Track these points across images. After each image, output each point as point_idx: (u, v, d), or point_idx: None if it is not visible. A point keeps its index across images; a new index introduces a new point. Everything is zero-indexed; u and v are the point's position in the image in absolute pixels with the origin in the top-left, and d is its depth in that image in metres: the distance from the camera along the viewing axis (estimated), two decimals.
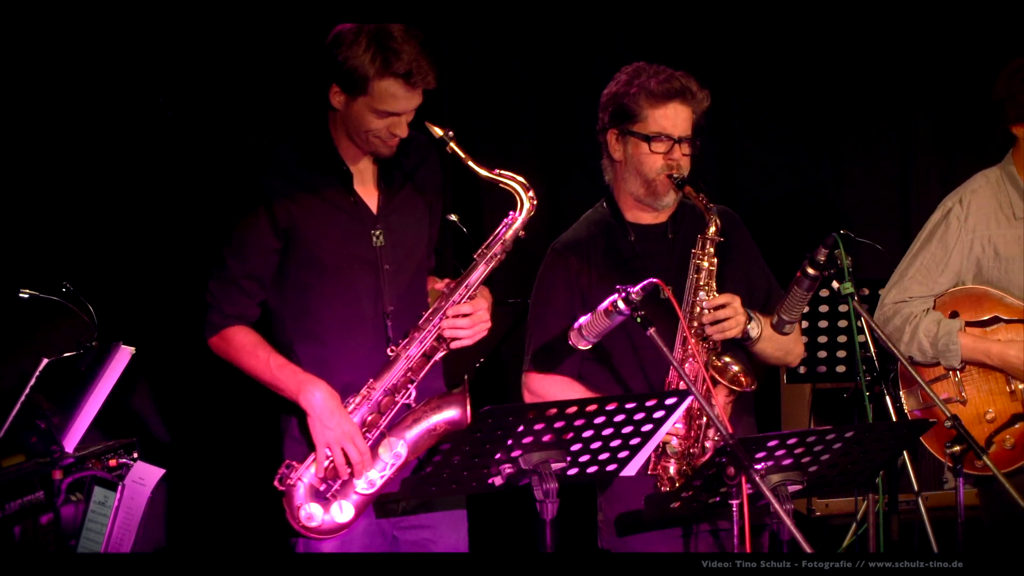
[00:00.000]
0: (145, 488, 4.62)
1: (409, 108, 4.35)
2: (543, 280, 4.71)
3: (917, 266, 5.09)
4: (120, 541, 4.56)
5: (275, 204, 4.38)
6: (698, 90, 4.66)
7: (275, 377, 4.36)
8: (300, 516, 4.34)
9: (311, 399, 4.32)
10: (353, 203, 4.44)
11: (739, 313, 4.54)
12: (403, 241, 4.48)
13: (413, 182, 4.52)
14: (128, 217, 5.58)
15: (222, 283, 4.41)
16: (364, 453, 4.33)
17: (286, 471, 4.37)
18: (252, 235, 4.40)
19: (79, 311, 4.89)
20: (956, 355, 4.99)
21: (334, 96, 4.35)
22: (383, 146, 4.39)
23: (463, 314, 4.40)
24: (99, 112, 5.50)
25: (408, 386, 4.40)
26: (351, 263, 4.42)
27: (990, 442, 4.99)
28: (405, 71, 4.27)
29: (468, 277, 4.43)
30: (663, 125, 4.63)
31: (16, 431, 4.53)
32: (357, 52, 4.27)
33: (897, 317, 5.04)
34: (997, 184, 5.12)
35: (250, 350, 4.39)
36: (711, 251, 4.57)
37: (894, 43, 6.89)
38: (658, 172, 4.64)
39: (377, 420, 4.38)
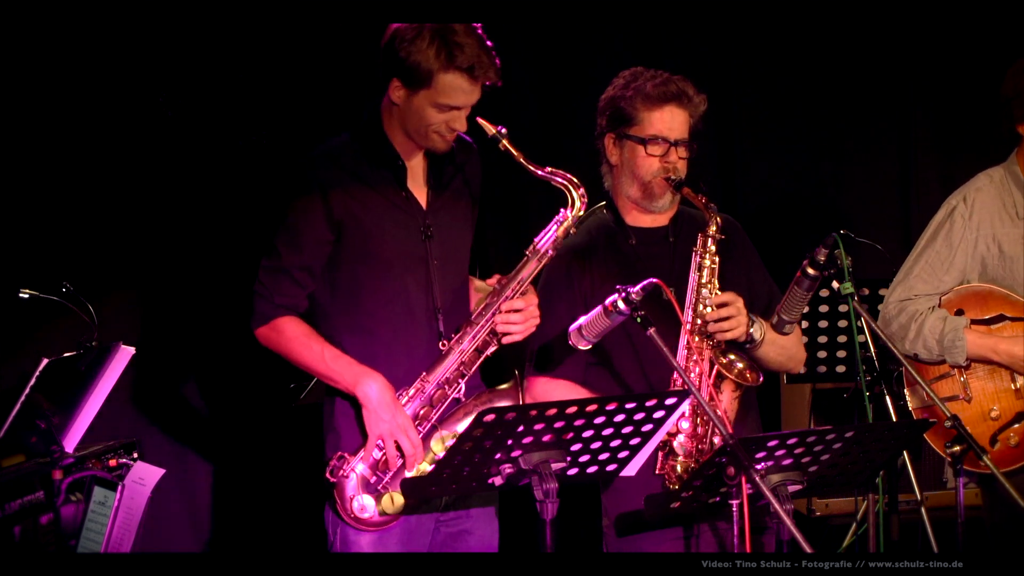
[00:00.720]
0: (145, 488, 4.62)
1: (469, 102, 4.39)
2: (545, 285, 4.71)
3: (922, 264, 5.09)
4: (120, 541, 4.57)
5: (330, 195, 4.40)
6: (695, 94, 4.66)
7: (330, 369, 4.38)
8: (353, 508, 4.37)
9: (368, 391, 4.34)
10: (405, 198, 4.47)
11: (742, 313, 4.54)
12: (450, 238, 4.52)
13: (460, 180, 4.56)
14: (128, 217, 5.59)
15: (273, 272, 4.42)
16: (417, 446, 4.36)
17: (338, 463, 4.38)
18: (307, 226, 4.41)
19: (79, 311, 4.89)
20: (962, 352, 5.00)
21: (394, 91, 4.38)
22: (441, 141, 4.42)
23: (516, 309, 4.44)
24: (99, 112, 5.50)
25: (459, 380, 4.44)
26: (402, 257, 4.44)
27: (994, 440, 4.99)
28: (469, 65, 4.32)
29: (520, 273, 4.46)
30: (659, 128, 4.63)
31: (16, 431, 4.53)
32: (421, 46, 4.31)
33: (903, 315, 5.05)
34: (1001, 183, 5.12)
35: (303, 340, 4.40)
36: (712, 249, 4.57)
37: (894, 43, 6.89)
38: (654, 175, 4.64)
39: (429, 413, 4.42)
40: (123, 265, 5.58)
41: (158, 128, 5.58)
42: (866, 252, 5.76)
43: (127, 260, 5.58)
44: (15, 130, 5.37)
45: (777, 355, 4.69)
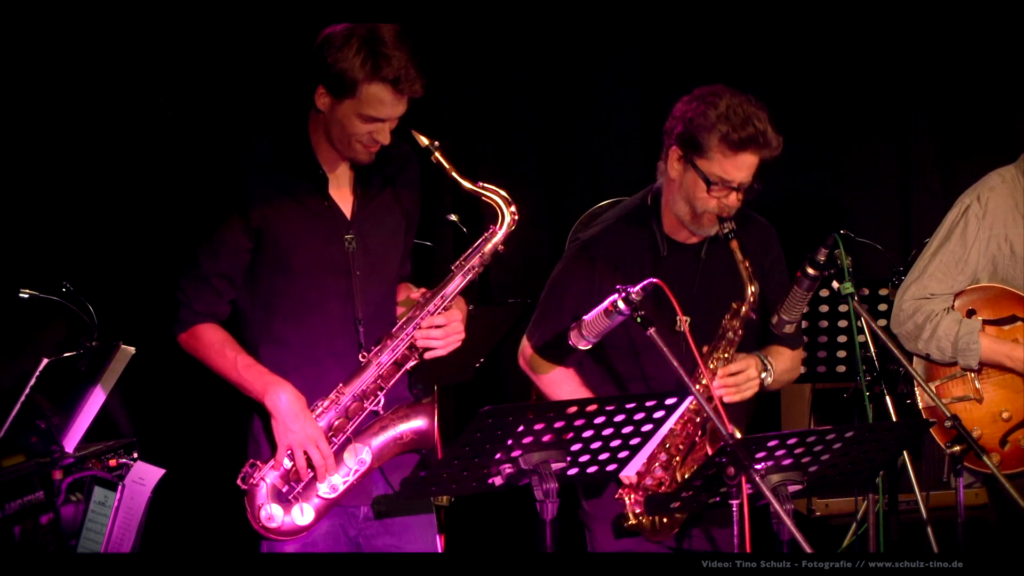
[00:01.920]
0: (145, 488, 4.62)
1: (394, 115, 4.31)
2: (566, 272, 4.68)
3: (936, 263, 5.08)
4: (120, 541, 4.56)
5: (249, 204, 4.36)
6: (773, 136, 4.51)
7: (241, 377, 4.36)
8: (260, 516, 4.33)
9: (276, 400, 4.31)
10: (327, 207, 4.41)
11: (753, 379, 4.54)
12: (376, 248, 4.45)
13: (391, 189, 4.49)
14: (128, 217, 5.58)
15: (194, 280, 4.40)
16: (327, 457, 4.32)
17: (249, 470, 4.36)
18: (224, 234, 4.38)
19: (79, 311, 4.89)
20: (976, 355, 4.99)
21: (320, 98, 4.32)
22: (363, 152, 4.36)
23: (437, 325, 4.39)
24: (100, 112, 5.50)
25: (377, 393, 4.38)
26: (321, 267, 4.39)
27: (1004, 441, 4.98)
28: (394, 77, 4.24)
29: (444, 288, 4.40)
30: (728, 173, 4.50)
31: (16, 431, 4.53)
32: (347, 55, 4.24)
33: (918, 314, 5.03)
34: (1013, 182, 5.11)
35: (218, 348, 4.38)
36: (737, 324, 4.51)
37: (894, 43, 6.89)
38: (708, 209, 4.55)
39: (344, 425, 4.36)
40: (123, 265, 5.57)
41: (158, 128, 5.57)
42: (866, 252, 5.76)
43: (127, 260, 5.58)
44: (15, 130, 5.37)
45: (778, 385, 4.71)
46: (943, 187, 6.80)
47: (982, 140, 6.69)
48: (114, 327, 5.24)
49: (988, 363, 5.01)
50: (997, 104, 6.58)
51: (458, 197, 6.15)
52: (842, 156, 6.96)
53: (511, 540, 5.97)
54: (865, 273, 5.51)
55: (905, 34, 6.87)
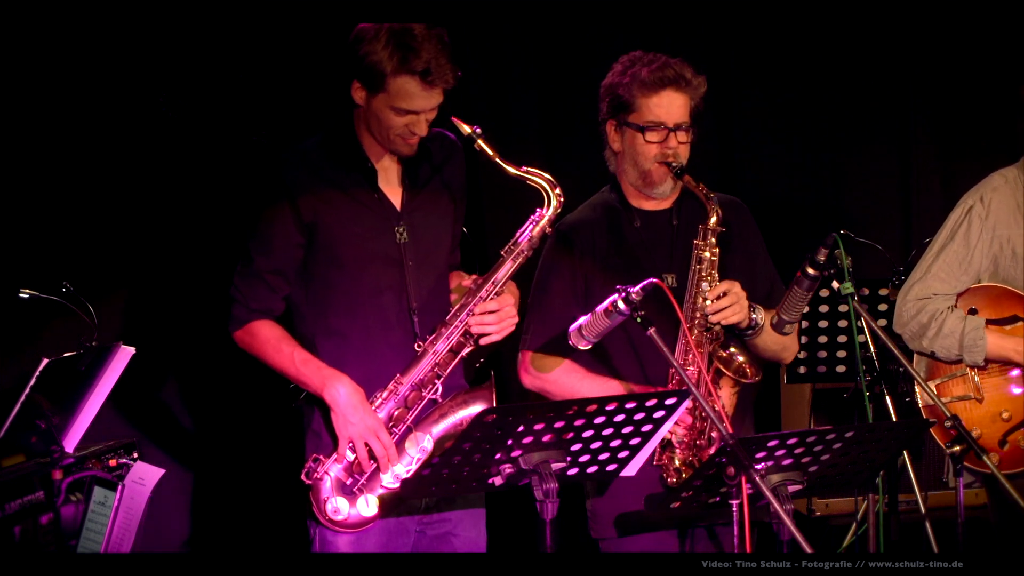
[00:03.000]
0: (145, 488, 4.62)
1: (427, 107, 4.37)
2: (547, 262, 4.71)
3: (940, 263, 5.08)
4: (120, 541, 4.56)
5: (300, 199, 4.40)
6: (693, 76, 4.66)
7: (299, 372, 4.39)
8: (327, 509, 4.37)
9: (335, 394, 4.35)
10: (377, 200, 4.46)
11: (741, 298, 4.54)
12: (427, 238, 4.50)
13: (438, 180, 4.55)
14: (128, 217, 5.58)
15: (247, 277, 4.44)
16: (388, 447, 4.35)
17: (313, 465, 4.39)
18: (277, 230, 4.42)
19: (79, 311, 4.89)
20: (982, 351, 4.99)
21: (356, 92, 4.38)
22: (403, 145, 4.41)
23: (490, 311, 4.43)
24: (99, 112, 5.50)
25: (435, 381, 4.43)
26: (374, 259, 4.44)
27: (1004, 441, 4.98)
28: (423, 69, 4.30)
29: (495, 273, 4.45)
30: (656, 114, 4.62)
31: (16, 431, 4.53)
32: (376, 48, 4.30)
33: (923, 314, 5.03)
34: (1015, 183, 5.11)
35: (275, 344, 4.42)
36: (712, 241, 4.57)
37: (894, 43, 6.89)
38: (653, 161, 4.63)
39: (404, 415, 4.41)
40: (123, 265, 5.57)
41: (158, 128, 5.57)
42: (866, 252, 5.76)
43: (127, 260, 5.58)
44: (15, 130, 5.37)
45: (774, 343, 4.69)
46: (943, 187, 6.79)
47: (982, 140, 6.69)
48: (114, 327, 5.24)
49: (995, 359, 5.01)
50: (997, 104, 6.57)
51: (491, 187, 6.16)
52: (842, 156, 6.96)
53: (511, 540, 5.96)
54: (865, 273, 5.51)
55: (905, 34, 6.87)
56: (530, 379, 4.72)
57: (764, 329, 4.62)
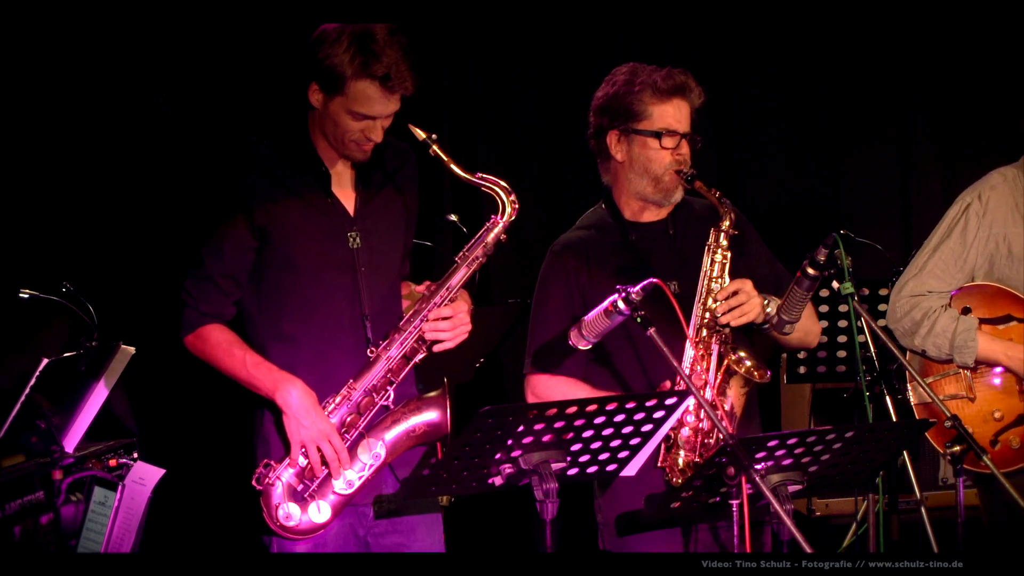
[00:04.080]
0: (145, 488, 4.62)
1: (385, 113, 4.32)
2: (543, 282, 4.70)
3: (936, 260, 5.07)
4: (120, 541, 4.56)
5: (253, 203, 4.36)
6: (695, 86, 4.67)
7: (251, 375, 4.35)
8: (278, 515, 4.33)
9: (287, 397, 4.31)
10: (330, 204, 4.42)
11: (753, 295, 4.53)
12: (380, 244, 4.46)
13: (391, 186, 4.50)
14: (128, 217, 5.58)
15: (199, 281, 4.39)
16: (340, 452, 4.31)
17: (264, 470, 4.35)
18: (229, 233, 4.37)
19: (79, 311, 4.89)
20: (972, 353, 4.98)
21: (313, 94, 4.33)
22: (357, 150, 4.37)
23: (444, 317, 4.39)
24: (100, 112, 5.50)
25: (387, 387, 4.38)
26: (327, 264, 4.40)
27: (995, 441, 4.98)
28: (383, 74, 4.24)
29: (449, 280, 4.41)
30: (669, 122, 4.62)
31: (16, 431, 4.53)
32: (337, 51, 4.25)
33: (916, 311, 5.03)
34: (1014, 183, 5.10)
35: (226, 348, 4.38)
36: (724, 244, 4.56)
37: (894, 43, 6.89)
38: (667, 168, 4.63)
39: (356, 421, 4.37)
40: (123, 265, 5.57)
41: (158, 128, 5.57)
42: (866, 252, 5.76)
43: (127, 260, 5.58)
44: (15, 130, 5.37)
45: (802, 330, 4.67)
46: (943, 187, 6.80)
47: (982, 140, 6.69)
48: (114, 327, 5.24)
49: (985, 361, 5.01)
50: (997, 104, 6.57)
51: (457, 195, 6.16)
52: (842, 156, 6.96)
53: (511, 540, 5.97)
54: (865, 273, 5.51)
55: (905, 35, 6.87)
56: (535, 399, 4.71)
57: (775, 307, 4.61)
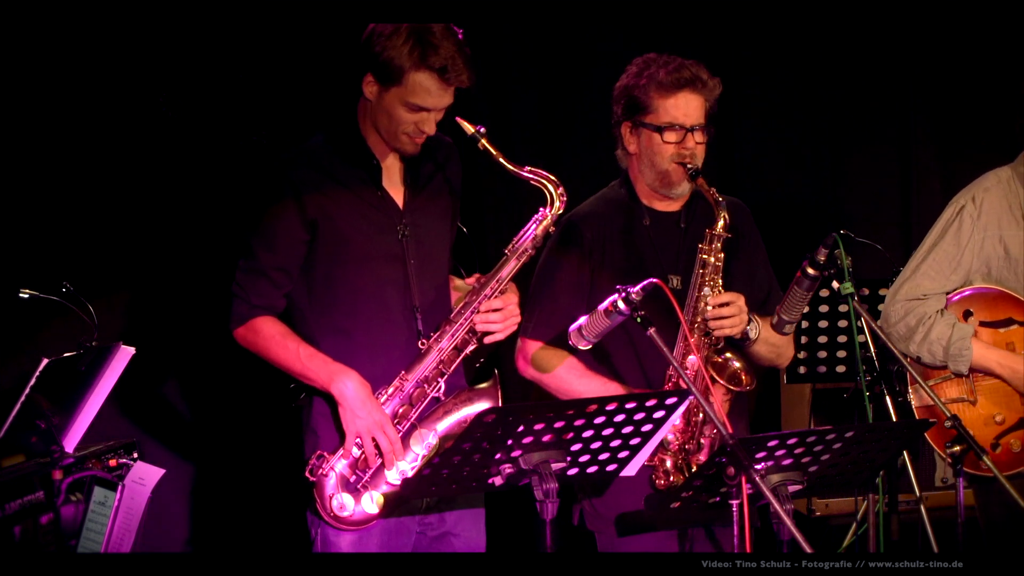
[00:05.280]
0: (145, 488, 4.62)
1: (440, 105, 4.38)
2: (553, 251, 4.71)
3: (929, 262, 5.07)
4: (120, 541, 4.56)
5: (304, 196, 4.40)
6: (709, 78, 4.68)
7: (305, 367, 4.39)
8: (332, 506, 4.36)
9: (343, 388, 4.34)
10: (380, 197, 4.47)
11: (743, 311, 4.55)
12: (428, 236, 4.51)
13: (438, 180, 4.56)
14: (128, 217, 5.58)
15: (250, 273, 4.43)
16: (395, 442, 4.35)
17: (317, 462, 4.39)
18: (281, 226, 4.42)
19: (79, 311, 4.89)
20: (967, 361, 4.97)
21: (367, 86, 4.38)
22: (409, 143, 4.42)
23: (495, 308, 4.44)
24: (99, 112, 5.50)
25: (439, 379, 4.44)
26: (378, 257, 4.44)
27: (996, 444, 4.98)
28: (441, 66, 4.32)
29: (500, 272, 4.46)
30: (674, 115, 4.64)
31: (16, 431, 4.53)
32: (396, 43, 4.31)
33: (911, 316, 5.02)
34: (1008, 184, 5.10)
35: (279, 340, 4.41)
36: (718, 247, 4.58)
37: (894, 43, 6.89)
38: (671, 161, 4.65)
39: (408, 412, 4.41)
40: (123, 265, 5.57)
41: (158, 128, 5.57)
42: (866, 252, 5.76)
43: (127, 260, 5.58)
44: (15, 130, 5.37)
45: (768, 352, 4.70)
46: (943, 187, 6.79)
47: (982, 140, 6.69)
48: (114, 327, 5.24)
49: (979, 369, 5.01)
50: (997, 104, 6.57)
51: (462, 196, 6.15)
52: (842, 156, 6.96)
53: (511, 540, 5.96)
54: (865, 273, 5.51)
55: (906, 34, 6.87)
56: (529, 370, 4.72)
57: (760, 339, 4.62)
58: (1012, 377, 4.97)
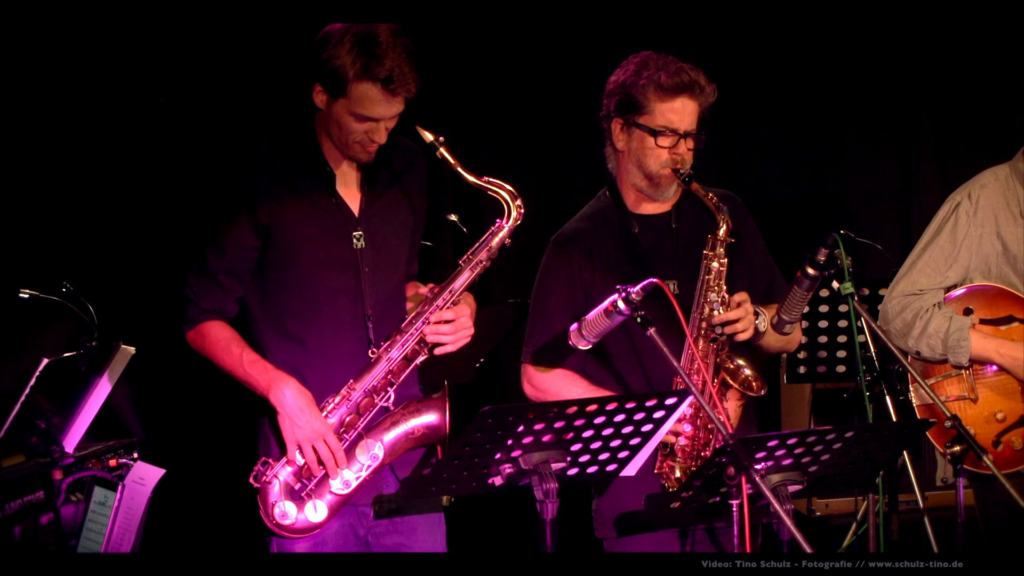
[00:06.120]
0: (145, 488, 4.62)
1: (388, 115, 4.32)
2: (545, 273, 4.69)
3: (926, 259, 5.07)
4: (120, 541, 4.56)
5: (256, 201, 4.37)
6: (706, 83, 4.63)
7: (247, 373, 4.36)
8: (274, 514, 4.34)
9: (281, 396, 4.31)
10: (335, 204, 4.42)
11: (750, 314, 4.53)
12: (384, 245, 4.46)
13: (399, 186, 4.50)
14: (128, 217, 5.58)
15: (201, 278, 4.41)
16: (336, 451, 4.32)
17: (261, 468, 4.36)
18: (231, 231, 4.38)
19: (79, 311, 4.89)
20: (966, 352, 4.98)
21: (317, 95, 4.33)
22: (362, 151, 4.37)
23: (446, 320, 4.39)
24: (100, 112, 5.50)
25: (388, 389, 4.39)
26: (330, 263, 4.40)
27: (997, 442, 4.97)
28: (385, 76, 4.24)
29: (452, 283, 4.41)
30: (670, 119, 4.59)
31: (16, 431, 4.53)
32: (340, 52, 4.25)
33: (908, 311, 5.02)
34: (1006, 182, 5.10)
35: (224, 346, 4.39)
36: (721, 251, 4.54)
37: (895, 43, 6.89)
38: (662, 166, 4.62)
39: (355, 421, 4.37)
40: (123, 265, 5.57)
41: (158, 128, 5.57)
42: (866, 252, 5.76)
43: (127, 260, 5.58)
44: (16, 130, 5.37)
45: (776, 340, 4.68)
46: (943, 187, 6.79)
47: (982, 140, 6.69)
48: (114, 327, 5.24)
49: (979, 359, 5.00)
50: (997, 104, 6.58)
51: (458, 196, 6.15)
52: (842, 157, 6.97)
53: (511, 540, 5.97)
54: (865, 273, 5.51)
55: (906, 34, 6.88)
56: (533, 392, 4.71)
57: (766, 332, 4.61)
58: (1013, 366, 4.97)
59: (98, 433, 4.84)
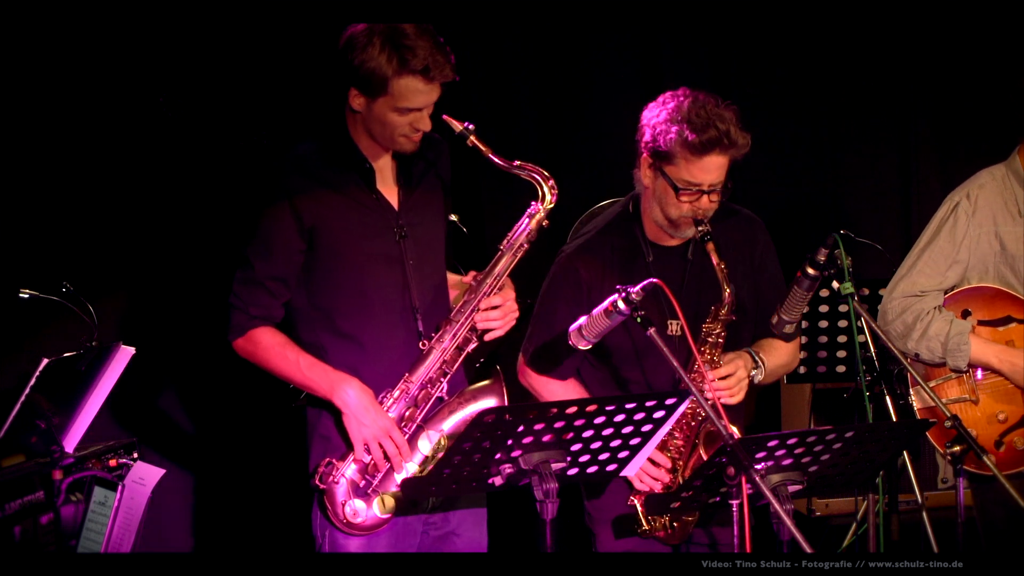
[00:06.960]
0: (145, 488, 4.62)
1: (429, 102, 4.38)
2: (552, 285, 4.69)
3: (925, 259, 5.07)
4: (120, 541, 4.56)
5: (299, 204, 4.39)
6: (738, 134, 4.54)
7: (306, 377, 4.38)
8: (344, 512, 4.37)
9: (345, 397, 4.34)
10: (375, 200, 4.46)
11: (742, 380, 4.54)
12: (424, 236, 4.51)
13: (431, 177, 4.56)
14: (128, 217, 5.58)
15: (247, 284, 4.42)
16: (402, 446, 4.37)
17: (326, 469, 4.39)
18: (277, 236, 4.41)
19: (79, 311, 4.89)
20: (965, 357, 4.98)
21: (354, 99, 4.37)
22: (408, 143, 4.42)
23: (494, 306, 4.44)
24: (99, 112, 5.50)
25: (441, 379, 4.44)
26: (376, 259, 4.44)
27: (999, 443, 4.98)
28: (423, 67, 4.31)
29: (495, 267, 4.47)
30: (695, 176, 4.53)
31: (16, 431, 4.53)
32: (373, 54, 4.29)
33: (908, 313, 5.02)
34: (1003, 181, 5.10)
35: (279, 351, 4.40)
36: (718, 327, 4.54)
37: (895, 44, 6.89)
38: (682, 216, 4.58)
39: (414, 414, 4.42)
40: (123, 265, 5.57)
41: (158, 128, 5.57)
42: (866, 252, 5.76)
43: (127, 260, 5.58)
44: (15, 130, 5.37)
45: (772, 377, 4.71)
46: (943, 187, 6.78)
47: (982, 141, 6.69)
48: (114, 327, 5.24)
49: (978, 364, 5.01)
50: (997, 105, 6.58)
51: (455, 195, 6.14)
52: (842, 156, 6.96)
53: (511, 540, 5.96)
54: (865, 273, 5.51)
55: (906, 35, 6.87)
56: (526, 382, 4.73)
57: (767, 375, 4.63)
58: (1012, 372, 4.97)
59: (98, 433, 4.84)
